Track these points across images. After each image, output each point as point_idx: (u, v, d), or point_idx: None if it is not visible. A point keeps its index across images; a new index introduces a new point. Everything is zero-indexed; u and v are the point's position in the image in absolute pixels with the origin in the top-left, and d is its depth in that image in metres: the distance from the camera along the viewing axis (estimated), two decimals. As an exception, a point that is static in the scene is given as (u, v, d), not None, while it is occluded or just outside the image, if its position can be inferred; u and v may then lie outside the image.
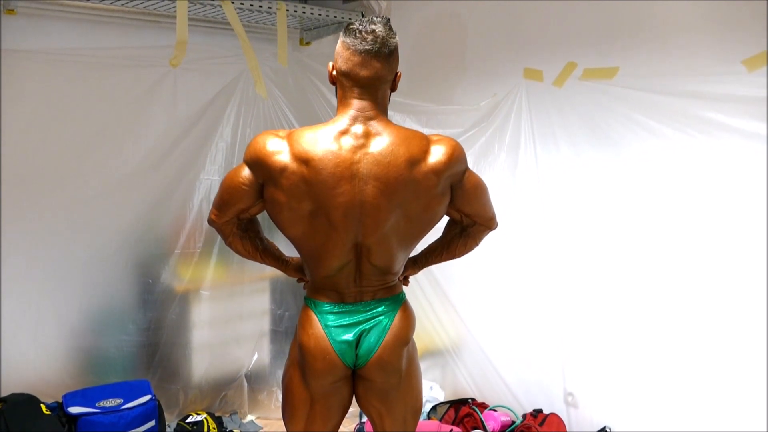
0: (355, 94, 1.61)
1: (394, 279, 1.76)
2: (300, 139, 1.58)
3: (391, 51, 1.61)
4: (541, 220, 2.71)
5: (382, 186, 1.57)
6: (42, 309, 2.76)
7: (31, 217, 2.70)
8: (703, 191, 2.24)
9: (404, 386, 1.76)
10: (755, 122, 2.08)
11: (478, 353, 2.97)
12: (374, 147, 1.58)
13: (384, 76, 1.62)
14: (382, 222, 1.61)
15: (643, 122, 2.36)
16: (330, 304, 1.70)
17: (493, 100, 2.83)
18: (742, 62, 2.10)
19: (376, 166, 1.56)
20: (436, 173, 1.61)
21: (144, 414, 2.69)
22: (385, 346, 1.68)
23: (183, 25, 2.66)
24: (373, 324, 1.69)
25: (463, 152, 1.68)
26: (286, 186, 1.57)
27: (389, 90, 1.68)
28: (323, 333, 1.68)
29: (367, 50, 1.58)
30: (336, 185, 1.55)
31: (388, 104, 1.69)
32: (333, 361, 1.67)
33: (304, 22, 3.25)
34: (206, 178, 3.03)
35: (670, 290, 2.35)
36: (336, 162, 1.55)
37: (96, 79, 2.79)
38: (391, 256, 1.69)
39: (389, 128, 1.61)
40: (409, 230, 1.67)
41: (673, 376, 2.35)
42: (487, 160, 2.84)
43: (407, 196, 1.59)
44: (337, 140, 1.57)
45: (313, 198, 1.57)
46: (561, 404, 2.73)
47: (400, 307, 1.74)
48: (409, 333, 1.74)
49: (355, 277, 1.70)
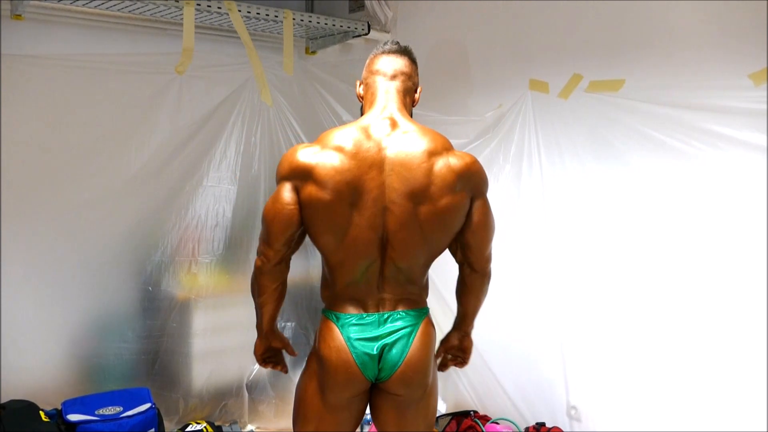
0: (381, 91, 1.75)
1: (416, 291, 1.74)
2: (329, 136, 1.68)
3: (411, 55, 1.82)
4: (545, 231, 2.70)
5: (405, 172, 1.64)
6: (41, 315, 2.74)
7: (31, 223, 2.69)
8: (710, 204, 2.23)
9: (427, 399, 1.74)
10: (762, 136, 2.08)
11: (480, 365, 2.95)
12: (399, 136, 1.67)
13: (407, 72, 1.78)
14: (405, 210, 1.63)
15: (649, 134, 2.35)
16: (352, 316, 1.68)
17: (499, 111, 2.83)
18: (748, 76, 2.10)
19: (400, 153, 1.65)
20: (453, 171, 1.66)
21: (143, 422, 2.67)
22: (410, 360, 1.66)
23: (189, 32, 2.67)
24: (396, 337, 1.66)
25: (485, 173, 1.75)
26: (321, 177, 1.62)
27: (413, 95, 1.80)
28: (345, 346, 1.65)
29: (391, 50, 1.80)
30: (367, 171, 1.63)
31: (411, 110, 1.79)
32: (354, 375, 1.65)
33: (310, 31, 3.26)
34: (209, 186, 3.03)
35: (674, 303, 2.34)
36: (366, 148, 1.64)
37: (102, 85, 2.79)
38: (413, 257, 1.69)
39: (413, 123, 1.73)
40: (430, 228, 1.67)
41: (677, 390, 2.33)
42: (492, 171, 2.83)
43: (426, 185, 1.63)
44: (365, 131, 1.67)
45: (347, 185, 1.62)
46: (564, 417, 2.71)
47: (423, 320, 1.72)
48: (432, 346, 1.73)
49: (378, 283, 1.69)
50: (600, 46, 2.51)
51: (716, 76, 2.19)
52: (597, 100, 2.50)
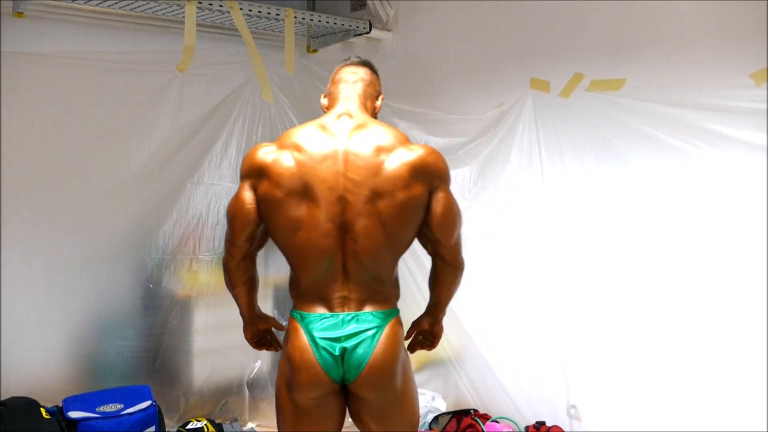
0: (342, 94, 1.80)
1: (383, 291, 1.72)
2: (287, 134, 1.75)
3: (373, 67, 1.89)
4: (545, 230, 2.70)
5: (360, 163, 1.67)
6: (42, 312, 2.75)
7: (32, 221, 2.70)
8: (711, 204, 2.23)
9: (400, 403, 1.72)
10: (763, 135, 2.08)
11: (480, 363, 2.95)
12: (355, 131, 1.71)
13: (367, 80, 1.84)
14: (361, 199, 1.65)
15: (650, 134, 2.35)
16: (316, 316, 1.67)
17: (500, 110, 2.83)
18: (750, 76, 2.10)
19: (356, 146, 1.68)
20: (407, 164, 1.68)
21: (144, 420, 2.67)
22: (374, 362, 1.63)
23: (191, 30, 2.67)
24: (360, 339, 1.64)
25: (444, 164, 1.76)
26: (275, 175, 1.67)
27: (374, 101, 1.85)
28: (308, 346, 1.64)
29: (353, 62, 1.88)
30: (321, 161, 1.67)
31: (375, 115, 1.83)
32: (318, 375, 1.64)
33: (312, 29, 3.27)
34: (210, 183, 3.03)
35: (673, 302, 2.34)
36: (321, 142, 1.69)
37: (103, 83, 2.80)
38: (376, 251, 1.67)
39: (370, 120, 1.77)
40: (390, 222, 1.66)
41: (677, 390, 2.33)
42: (493, 169, 2.83)
43: (381, 179, 1.66)
44: (322, 127, 1.73)
45: (299, 179, 1.66)
46: (564, 416, 2.71)
47: (390, 321, 1.69)
48: (399, 348, 1.69)
49: (343, 281, 1.67)
50: (601, 46, 2.51)
51: (717, 75, 2.19)
52: (598, 99, 2.50)
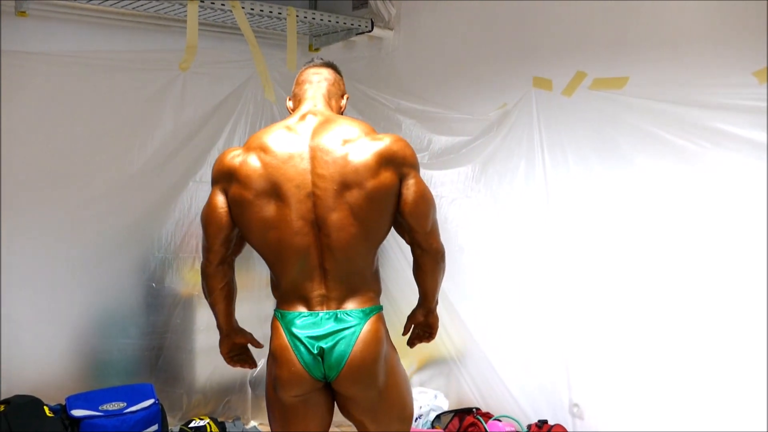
0: (305, 95, 1.82)
1: (363, 287, 1.72)
2: (254, 137, 1.76)
3: (336, 68, 1.91)
4: (548, 229, 2.70)
5: (326, 158, 1.67)
6: (45, 311, 2.76)
7: (34, 219, 2.71)
8: (714, 202, 2.23)
9: (387, 399, 1.72)
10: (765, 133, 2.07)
11: (483, 362, 2.95)
12: (320, 126, 1.72)
13: (331, 79, 1.85)
14: (331, 193, 1.65)
15: (653, 132, 2.35)
16: (295, 314, 1.68)
17: (503, 110, 2.82)
18: (753, 74, 2.10)
19: (321, 141, 1.69)
20: (373, 153, 1.68)
21: (147, 418, 2.68)
22: (354, 360, 1.64)
23: (193, 29, 2.67)
24: (339, 337, 1.65)
25: (411, 150, 1.76)
26: (243, 178, 1.68)
27: (339, 100, 1.86)
28: (288, 344, 1.67)
29: (316, 64, 1.89)
30: (288, 160, 1.67)
31: (339, 113, 1.84)
32: (298, 373, 1.65)
33: (314, 28, 3.26)
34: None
35: (676, 301, 2.33)
36: (288, 142, 1.70)
37: (105, 82, 2.80)
38: (350, 244, 1.67)
39: (335, 116, 1.78)
40: (361, 212, 1.66)
41: (678, 389, 2.33)
42: (496, 168, 2.83)
43: (348, 170, 1.66)
44: (287, 127, 1.74)
45: (267, 179, 1.67)
46: (566, 415, 2.70)
47: (370, 319, 1.69)
48: (380, 346, 1.69)
49: (321, 278, 1.68)
50: (604, 44, 2.51)
51: (720, 73, 2.18)
52: (601, 97, 2.49)
